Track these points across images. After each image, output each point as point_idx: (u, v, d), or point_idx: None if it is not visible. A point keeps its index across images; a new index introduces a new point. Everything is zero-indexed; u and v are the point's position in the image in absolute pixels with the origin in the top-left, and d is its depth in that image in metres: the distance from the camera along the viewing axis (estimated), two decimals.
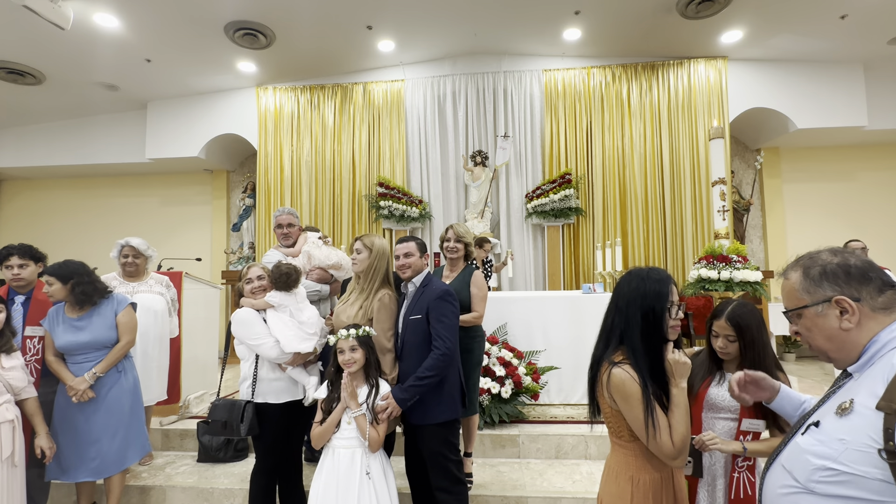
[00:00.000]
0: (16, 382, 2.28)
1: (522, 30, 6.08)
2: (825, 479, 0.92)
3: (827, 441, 0.94)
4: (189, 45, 5.91)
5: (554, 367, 3.79)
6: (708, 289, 4.38)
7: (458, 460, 2.30)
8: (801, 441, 0.99)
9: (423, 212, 6.62)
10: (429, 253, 2.51)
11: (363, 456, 2.06)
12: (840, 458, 0.90)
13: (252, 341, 2.36)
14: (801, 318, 1.06)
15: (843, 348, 1.02)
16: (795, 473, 0.98)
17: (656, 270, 1.48)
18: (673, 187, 6.46)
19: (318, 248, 3.29)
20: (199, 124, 7.08)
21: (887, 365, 0.93)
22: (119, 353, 2.62)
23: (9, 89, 6.47)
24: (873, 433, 0.87)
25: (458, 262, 2.96)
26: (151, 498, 2.99)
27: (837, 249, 1.06)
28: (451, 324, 2.22)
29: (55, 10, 4.61)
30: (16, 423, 2.24)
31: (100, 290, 2.64)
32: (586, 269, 6.42)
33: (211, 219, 7.92)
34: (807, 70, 6.31)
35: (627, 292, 1.46)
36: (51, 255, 2.84)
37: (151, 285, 3.33)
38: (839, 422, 0.94)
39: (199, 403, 4.01)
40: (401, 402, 2.12)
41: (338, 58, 6.56)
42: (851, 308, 0.99)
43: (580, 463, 3.24)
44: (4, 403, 2.22)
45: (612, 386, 1.38)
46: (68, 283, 2.55)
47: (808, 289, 1.04)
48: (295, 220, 3.45)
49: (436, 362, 2.14)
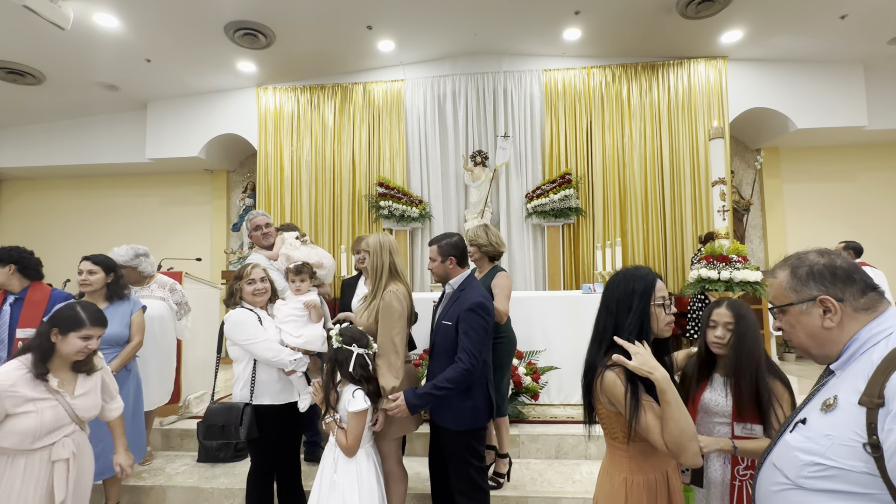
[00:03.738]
0: (83, 413, 1.92)
1: (522, 30, 6.08)
2: (814, 475, 0.94)
3: (814, 437, 0.97)
4: (189, 46, 5.91)
5: (554, 367, 3.79)
6: (708, 289, 4.38)
7: (481, 467, 2.24)
8: (790, 438, 1.02)
9: (423, 212, 6.62)
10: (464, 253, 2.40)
11: (335, 460, 2.07)
12: (827, 454, 0.93)
13: (246, 343, 2.32)
14: (785, 314, 1.10)
15: (823, 345, 1.05)
16: (786, 470, 1.00)
17: (641, 269, 1.48)
18: (673, 187, 6.46)
19: (296, 248, 3.25)
20: (199, 124, 7.08)
21: (867, 362, 0.96)
22: (131, 353, 2.69)
23: (9, 89, 6.47)
24: (857, 428, 0.90)
25: (483, 264, 2.95)
26: (151, 498, 2.99)
27: (825, 251, 1.10)
28: (479, 338, 2.11)
29: (55, 10, 4.61)
30: (71, 461, 1.87)
31: (127, 289, 2.83)
32: (586, 269, 6.42)
33: (211, 219, 7.92)
34: (807, 70, 6.31)
35: (616, 294, 1.45)
36: (51, 256, 2.86)
37: (153, 290, 3.28)
38: (824, 418, 0.97)
39: (199, 403, 4.00)
40: (412, 407, 2.07)
41: (338, 58, 6.56)
42: (834, 308, 1.02)
43: (580, 463, 3.24)
44: (62, 438, 1.85)
45: (605, 389, 1.38)
46: (110, 274, 2.69)
47: (794, 287, 1.08)
48: (270, 220, 3.45)
49: (457, 375, 2.07)
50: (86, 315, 1.88)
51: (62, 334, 1.84)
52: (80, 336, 1.85)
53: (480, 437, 2.24)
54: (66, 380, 1.90)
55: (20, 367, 1.80)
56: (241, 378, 2.37)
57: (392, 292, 2.22)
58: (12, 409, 1.72)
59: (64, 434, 1.86)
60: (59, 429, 1.84)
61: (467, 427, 2.17)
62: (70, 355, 1.86)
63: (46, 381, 1.82)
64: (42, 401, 1.79)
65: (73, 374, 1.93)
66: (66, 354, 1.86)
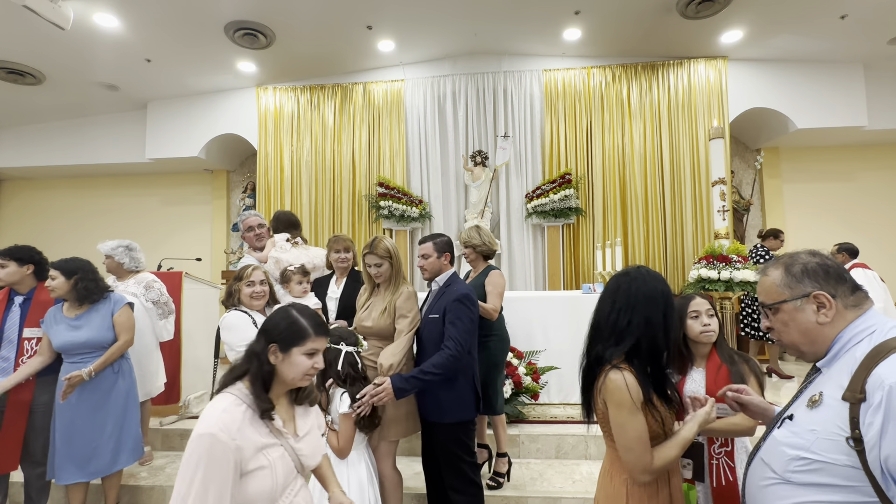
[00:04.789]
0: (309, 460, 1.43)
1: (522, 30, 6.07)
2: (800, 469, 0.97)
3: (800, 432, 1.00)
4: (189, 45, 5.91)
5: (554, 367, 3.79)
6: (708, 289, 4.38)
7: (473, 462, 2.28)
8: (777, 434, 1.06)
9: (423, 212, 6.62)
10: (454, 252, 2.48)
11: None
12: (812, 448, 0.96)
13: (239, 346, 2.27)
14: (778, 312, 1.11)
15: (815, 342, 1.07)
16: (773, 465, 1.03)
17: (649, 270, 1.46)
18: (673, 187, 6.46)
19: (286, 251, 3.23)
20: (199, 124, 7.08)
21: (851, 359, 0.99)
22: (116, 352, 2.61)
23: (9, 89, 6.47)
24: (840, 422, 0.93)
25: (478, 264, 3.05)
26: (151, 498, 2.99)
27: (815, 251, 1.13)
28: (465, 327, 2.18)
29: (55, 10, 4.61)
30: None
31: (100, 289, 2.66)
32: (586, 269, 6.42)
33: (211, 219, 7.92)
34: (807, 70, 6.31)
35: (635, 292, 1.39)
36: (51, 255, 2.84)
37: (129, 285, 3.23)
38: (810, 414, 1.01)
39: (199, 403, 4.01)
40: (398, 391, 2.07)
41: (338, 58, 6.56)
42: (829, 303, 1.05)
43: (580, 463, 3.24)
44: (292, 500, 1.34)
45: (606, 389, 1.36)
46: (72, 277, 2.56)
47: (789, 284, 1.09)
48: (264, 221, 3.44)
49: (443, 361, 2.11)
50: (307, 323, 1.40)
51: (283, 351, 1.36)
52: (305, 352, 1.37)
53: (469, 432, 2.28)
54: (285, 416, 1.41)
55: (238, 402, 1.29)
56: None
57: (408, 290, 2.34)
58: (246, 463, 1.23)
59: (293, 493, 1.35)
60: (287, 486, 1.34)
61: (454, 420, 2.21)
62: (295, 380, 1.38)
63: (272, 419, 1.32)
64: (271, 448, 1.30)
65: (290, 406, 1.46)
66: (290, 379, 1.37)
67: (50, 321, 2.57)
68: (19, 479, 2.76)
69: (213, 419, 1.22)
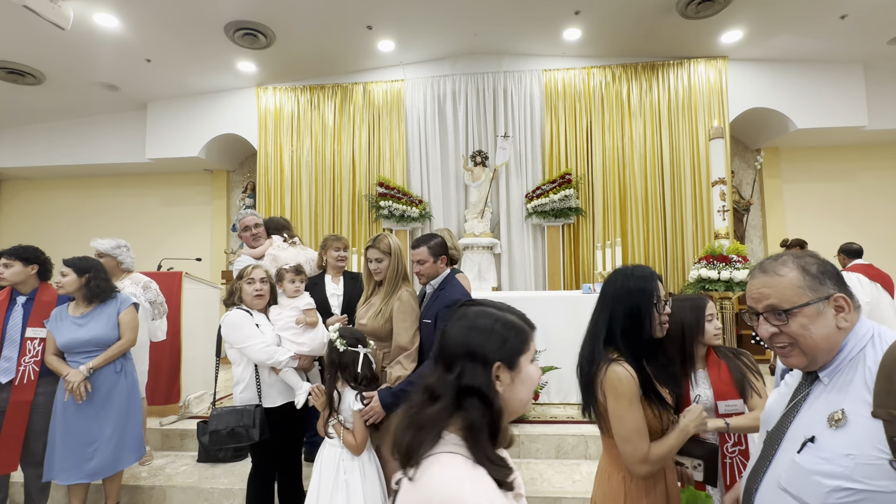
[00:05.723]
0: None
1: (522, 30, 6.07)
2: (842, 500, 0.86)
3: (833, 458, 0.88)
4: (189, 46, 5.90)
5: (554, 367, 3.79)
6: (708, 289, 4.38)
7: None
8: (802, 461, 0.92)
9: (423, 212, 6.62)
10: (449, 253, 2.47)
11: (341, 459, 2.06)
12: (853, 476, 0.85)
13: (240, 344, 2.30)
14: (794, 317, 0.97)
15: (833, 349, 0.96)
16: (806, 497, 0.90)
17: (640, 268, 1.50)
18: (673, 187, 6.46)
19: (284, 249, 3.22)
20: (198, 124, 7.07)
21: (861, 368, 0.91)
22: (117, 350, 2.61)
23: (9, 89, 6.47)
24: (879, 444, 0.84)
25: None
26: (151, 498, 2.99)
27: (809, 253, 1.07)
28: None
29: (55, 10, 4.61)
30: None
31: (110, 289, 2.70)
32: (586, 269, 6.42)
33: (211, 219, 7.92)
34: (807, 70, 6.31)
35: (612, 291, 1.47)
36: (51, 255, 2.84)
37: (126, 286, 3.21)
38: (836, 435, 0.89)
39: (199, 403, 4.01)
40: (385, 406, 2.03)
41: (338, 58, 6.56)
42: (848, 306, 0.97)
43: (580, 463, 3.24)
44: None
45: (606, 381, 1.38)
46: (84, 275, 2.60)
47: (812, 286, 0.97)
48: (261, 220, 3.41)
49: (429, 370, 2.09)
50: (515, 316, 1.04)
51: (512, 368, 0.95)
52: (531, 358, 1.00)
53: None
54: None
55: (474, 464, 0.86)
56: (242, 380, 2.36)
57: (408, 292, 2.29)
58: None
59: None
60: None
61: None
62: (524, 402, 0.98)
63: (512, 488, 0.89)
64: None
65: None
66: (522, 404, 0.97)
67: (55, 320, 2.59)
68: (19, 480, 2.76)
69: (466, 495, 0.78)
